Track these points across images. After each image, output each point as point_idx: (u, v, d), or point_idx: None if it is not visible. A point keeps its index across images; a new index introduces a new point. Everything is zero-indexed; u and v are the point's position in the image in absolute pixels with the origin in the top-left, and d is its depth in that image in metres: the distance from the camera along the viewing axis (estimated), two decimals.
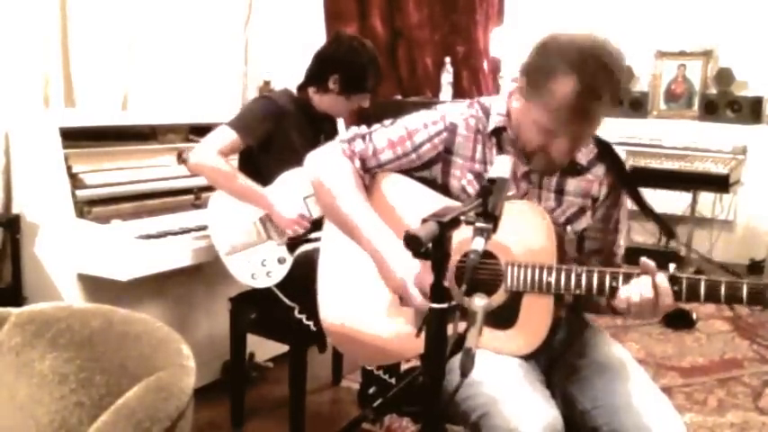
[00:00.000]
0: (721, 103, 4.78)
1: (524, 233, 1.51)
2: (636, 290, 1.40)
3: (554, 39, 1.45)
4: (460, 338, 1.04)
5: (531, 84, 1.46)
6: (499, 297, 1.49)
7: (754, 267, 4.59)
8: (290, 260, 2.26)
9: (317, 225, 2.06)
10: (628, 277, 1.41)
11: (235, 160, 2.40)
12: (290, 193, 2.25)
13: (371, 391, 1.89)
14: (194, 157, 2.28)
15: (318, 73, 2.40)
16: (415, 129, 1.61)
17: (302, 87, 2.46)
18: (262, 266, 2.24)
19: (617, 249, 1.68)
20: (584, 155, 1.61)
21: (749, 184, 4.58)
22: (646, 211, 1.62)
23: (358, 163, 1.63)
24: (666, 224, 1.82)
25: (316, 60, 2.44)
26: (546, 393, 1.45)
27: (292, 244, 2.28)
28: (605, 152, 1.63)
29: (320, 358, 2.74)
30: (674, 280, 1.38)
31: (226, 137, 2.26)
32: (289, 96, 2.45)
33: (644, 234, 4.73)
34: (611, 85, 1.40)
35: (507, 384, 1.41)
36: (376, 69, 2.40)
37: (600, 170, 1.62)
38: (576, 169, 1.60)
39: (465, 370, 1.00)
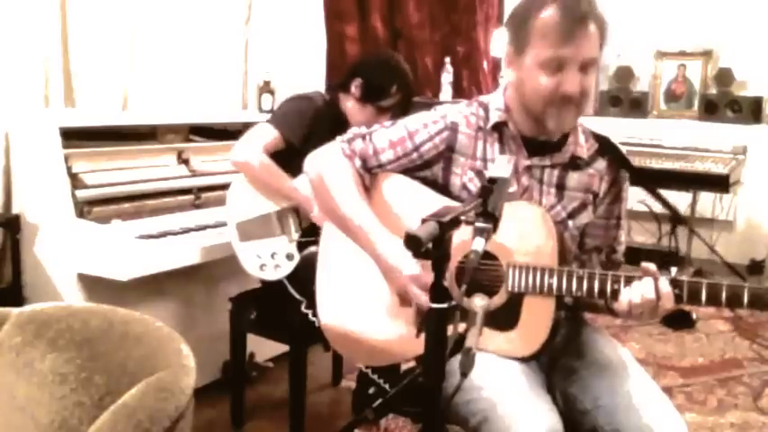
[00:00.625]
0: (721, 103, 4.77)
1: (525, 234, 1.50)
2: (637, 293, 1.40)
3: (519, 3, 1.53)
4: (460, 339, 1.04)
5: (517, 38, 1.50)
6: (500, 299, 1.49)
7: (755, 267, 4.58)
8: (297, 258, 2.27)
9: None
10: (629, 280, 1.41)
11: None
12: None
13: (371, 391, 1.89)
14: (240, 155, 2.28)
15: (348, 75, 2.44)
16: (415, 129, 1.61)
17: (331, 90, 2.50)
18: (271, 259, 2.24)
19: (618, 245, 1.69)
20: (585, 149, 1.62)
21: (749, 184, 4.57)
22: (654, 195, 1.62)
23: (358, 162, 1.64)
24: (674, 208, 1.83)
25: (352, 66, 2.51)
26: (546, 398, 1.45)
27: (302, 243, 2.28)
28: (606, 146, 1.64)
29: (320, 358, 2.74)
30: (675, 283, 1.39)
31: (269, 134, 2.28)
32: (322, 98, 2.47)
33: (644, 234, 4.73)
34: (587, 2, 1.46)
35: (507, 389, 1.41)
36: (402, 88, 2.40)
37: (601, 165, 1.63)
38: (576, 164, 1.61)
39: (465, 370, 1.00)
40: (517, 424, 1.33)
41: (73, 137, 2.42)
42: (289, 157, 2.29)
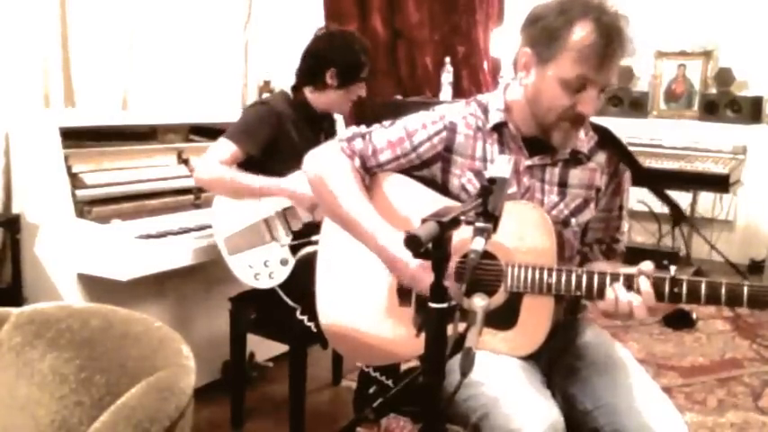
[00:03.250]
0: (721, 103, 4.77)
1: (525, 234, 1.50)
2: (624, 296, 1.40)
3: (544, 5, 1.49)
4: (460, 338, 1.04)
5: (542, 46, 1.47)
6: (499, 298, 1.49)
7: (754, 267, 4.58)
8: (292, 262, 2.26)
9: (319, 227, 2.07)
10: (628, 278, 1.41)
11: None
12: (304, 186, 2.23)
13: (372, 390, 1.89)
14: (198, 173, 2.30)
15: (314, 70, 2.38)
16: (414, 129, 1.62)
17: (297, 88, 2.45)
18: (265, 267, 2.24)
19: (620, 236, 1.69)
20: (585, 143, 1.62)
21: (749, 184, 4.57)
22: (654, 190, 1.62)
23: (358, 162, 1.64)
24: (674, 202, 1.83)
25: (308, 59, 2.42)
26: (547, 393, 1.45)
27: (295, 246, 2.28)
28: (605, 138, 1.64)
29: (320, 358, 2.74)
30: (674, 282, 1.38)
31: (226, 149, 2.26)
32: (285, 98, 2.44)
33: (644, 234, 4.73)
34: (625, 23, 1.45)
35: (508, 385, 1.41)
36: (367, 55, 2.40)
37: (601, 157, 1.63)
38: (577, 158, 1.60)
39: (465, 370, 1.00)
40: (519, 419, 1.32)
41: (73, 137, 2.42)
42: (258, 167, 2.28)
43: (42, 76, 2.75)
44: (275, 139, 2.32)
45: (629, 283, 1.40)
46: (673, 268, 1.40)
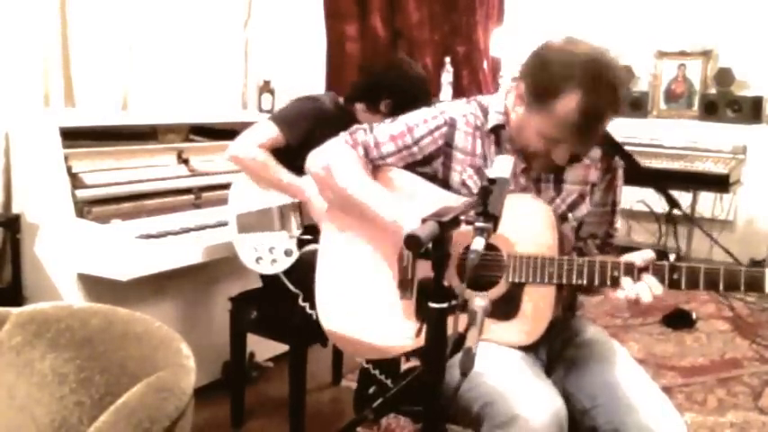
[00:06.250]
0: (721, 103, 4.77)
1: (526, 225, 1.52)
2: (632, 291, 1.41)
3: (555, 50, 1.47)
4: (461, 338, 1.04)
5: (533, 95, 1.48)
6: (501, 288, 1.50)
7: (755, 267, 4.58)
8: (296, 254, 2.27)
9: None
10: (629, 268, 1.42)
11: None
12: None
13: (371, 390, 1.89)
14: (233, 149, 2.30)
15: (371, 94, 2.42)
16: (414, 124, 1.65)
17: (350, 100, 2.47)
18: (269, 253, 2.25)
19: (613, 230, 1.72)
20: None
21: (749, 184, 4.57)
22: (646, 179, 1.63)
23: (361, 151, 1.68)
24: (669, 193, 1.84)
25: (370, 80, 2.46)
26: (549, 382, 1.46)
27: (302, 241, 2.28)
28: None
29: (320, 358, 2.74)
30: (672, 269, 1.40)
31: (267, 132, 2.29)
32: (334, 102, 2.47)
33: (644, 234, 4.73)
34: (615, 101, 1.44)
35: (509, 374, 1.42)
36: (426, 95, 2.42)
37: (596, 153, 1.65)
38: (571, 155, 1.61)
39: (465, 370, 1.00)
40: (522, 406, 1.33)
41: (73, 137, 2.41)
42: (291, 157, 2.30)
43: (42, 76, 2.75)
44: (315, 135, 2.33)
45: (630, 271, 1.41)
46: (672, 256, 1.41)
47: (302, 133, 2.31)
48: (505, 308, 1.50)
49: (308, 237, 2.27)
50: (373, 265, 1.64)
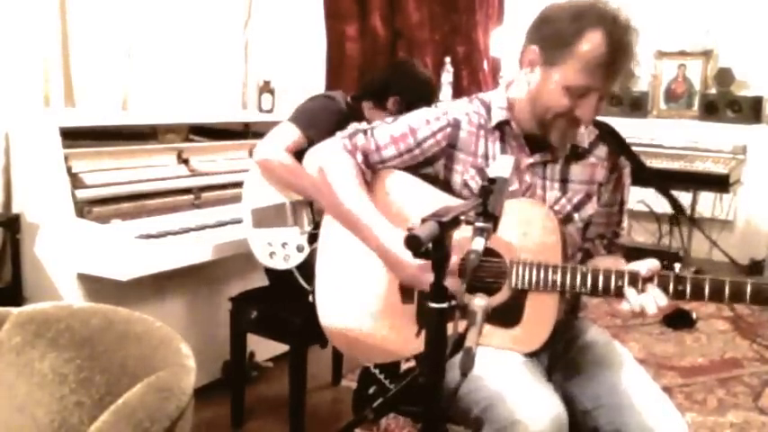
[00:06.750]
0: (721, 103, 4.77)
1: (529, 231, 1.51)
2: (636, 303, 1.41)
3: (560, 6, 1.49)
4: (461, 338, 1.04)
5: (551, 48, 1.47)
6: (503, 295, 1.49)
7: (755, 267, 4.58)
8: (307, 250, 2.26)
9: None
10: (633, 276, 1.41)
11: None
12: None
13: (372, 390, 1.89)
14: (263, 152, 2.29)
15: (380, 91, 2.47)
16: (417, 125, 1.62)
17: (358, 98, 2.51)
18: (282, 248, 2.25)
19: (620, 230, 1.70)
20: (586, 136, 1.62)
21: (749, 184, 4.58)
22: (653, 183, 1.63)
23: (360, 157, 1.63)
24: (674, 197, 1.84)
25: (379, 79, 2.52)
26: (550, 387, 1.45)
27: (314, 236, 2.28)
28: (605, 132, 1.65)
29: (320, 358, 2.74)
30: (678, 280, 1.39)
31: (290, 134, 2.29)
32: (344, 100, 2.48)
33: (644, 234, 4.73)
34: (635, 37, 1.47)
35: (510, 378, 1.42)
36: (432, 96, 2.47)
37: (602, 151, 1.64)
38: (578, 153, 1.61)
39: (465, 370, 1.00)
40: (523, 410, 1.33)
41: (73, 137, 2.41)
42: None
43: (42, 76, 2.75)
44: (332, 133, 2.33)
45: (635, 281, 1.41)
46: (677, 266, 1.41)
47: (324, 129, 2.29)
48: (508, 315, 1.49)
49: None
50: (373, 263, 1.63)
